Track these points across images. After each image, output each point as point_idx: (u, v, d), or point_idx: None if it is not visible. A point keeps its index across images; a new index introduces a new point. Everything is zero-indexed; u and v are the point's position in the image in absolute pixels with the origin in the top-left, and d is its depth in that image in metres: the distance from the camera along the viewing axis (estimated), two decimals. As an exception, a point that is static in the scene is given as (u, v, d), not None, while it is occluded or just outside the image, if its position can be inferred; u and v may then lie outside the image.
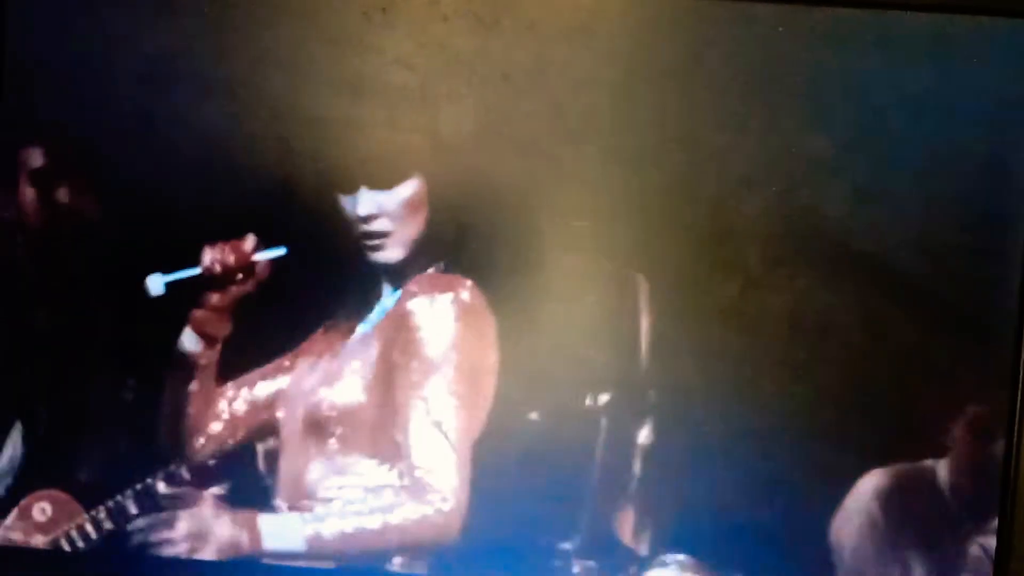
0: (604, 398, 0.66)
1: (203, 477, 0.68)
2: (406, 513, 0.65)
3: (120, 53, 0.66)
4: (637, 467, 0.66)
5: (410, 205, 0.66)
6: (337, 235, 0.66)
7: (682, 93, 0.64)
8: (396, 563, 0.66)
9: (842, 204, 0.64)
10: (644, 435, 0.66)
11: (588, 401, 0.66)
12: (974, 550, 0.65)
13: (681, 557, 0.66)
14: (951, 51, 0.64)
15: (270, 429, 0.68)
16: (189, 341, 0.67)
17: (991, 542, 0.65)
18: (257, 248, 0.66)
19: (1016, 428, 0.64)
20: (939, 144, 0.64)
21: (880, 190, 0.64)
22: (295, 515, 0.66)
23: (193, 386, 0.68)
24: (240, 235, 0.66)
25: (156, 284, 0.66)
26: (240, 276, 0.66)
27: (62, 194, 0.67)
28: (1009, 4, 0.63)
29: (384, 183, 0.66)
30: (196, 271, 0.66)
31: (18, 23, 0.66)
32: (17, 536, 0.68)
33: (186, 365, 0.67)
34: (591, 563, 0.67)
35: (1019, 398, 0.64)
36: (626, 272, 0.65)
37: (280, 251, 0.66)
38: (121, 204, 0.67)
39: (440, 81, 0.65)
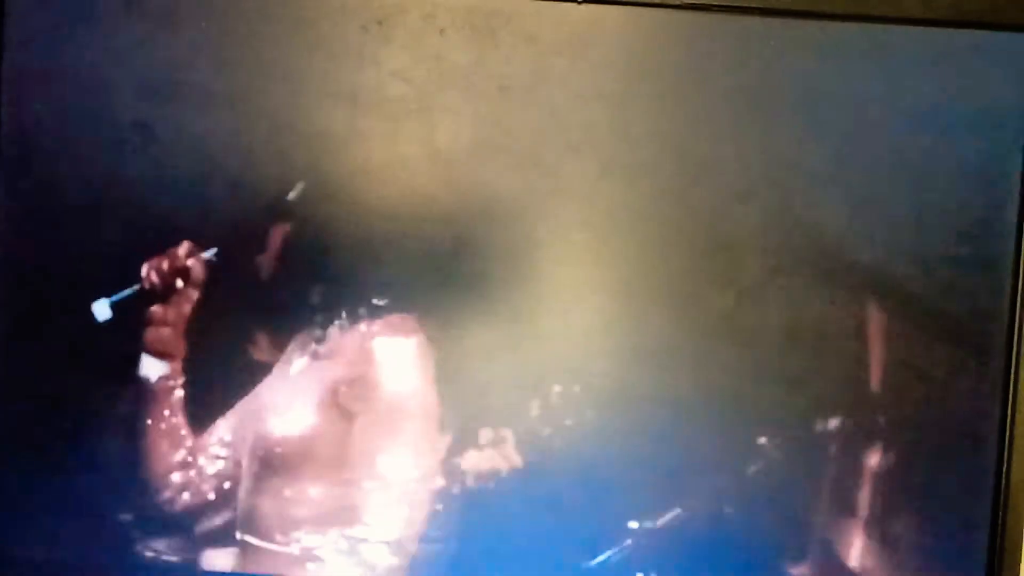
0: (834, 423, 0.66)
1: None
2: None
3: (119, 66, 0.66)
4: (866, 491, 0.66)
5: None
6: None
7: (679, 106, 0.65)
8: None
9: (838, 215, 0.65)
10: (875, 459, 0.66)
11: (819, 426, 0.66)
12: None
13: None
14: (945, 63, 0.64)
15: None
16: (148, 366, 0.66)
17: None
18: (192, 252, 0.66)
19: (1007, 438, 0.65)
20: (933, 156, 0.64)
21: (875, 201, 0.65)
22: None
23: (159, 422, 0.66)
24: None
25: (102, 308, 0.65)
26: (179, 283, 0.65)
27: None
28: (1003, 17, 0.64)
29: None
30: (136, 287, 0.65)
31: (17, 34, 0.66)
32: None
33: (148, 396, 0.66)
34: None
35: (1010, 408, 0.65)
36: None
37: (211, 251, 0.65)
38: (115, 218, 0.66)
39: (437, 94, 0.65)
